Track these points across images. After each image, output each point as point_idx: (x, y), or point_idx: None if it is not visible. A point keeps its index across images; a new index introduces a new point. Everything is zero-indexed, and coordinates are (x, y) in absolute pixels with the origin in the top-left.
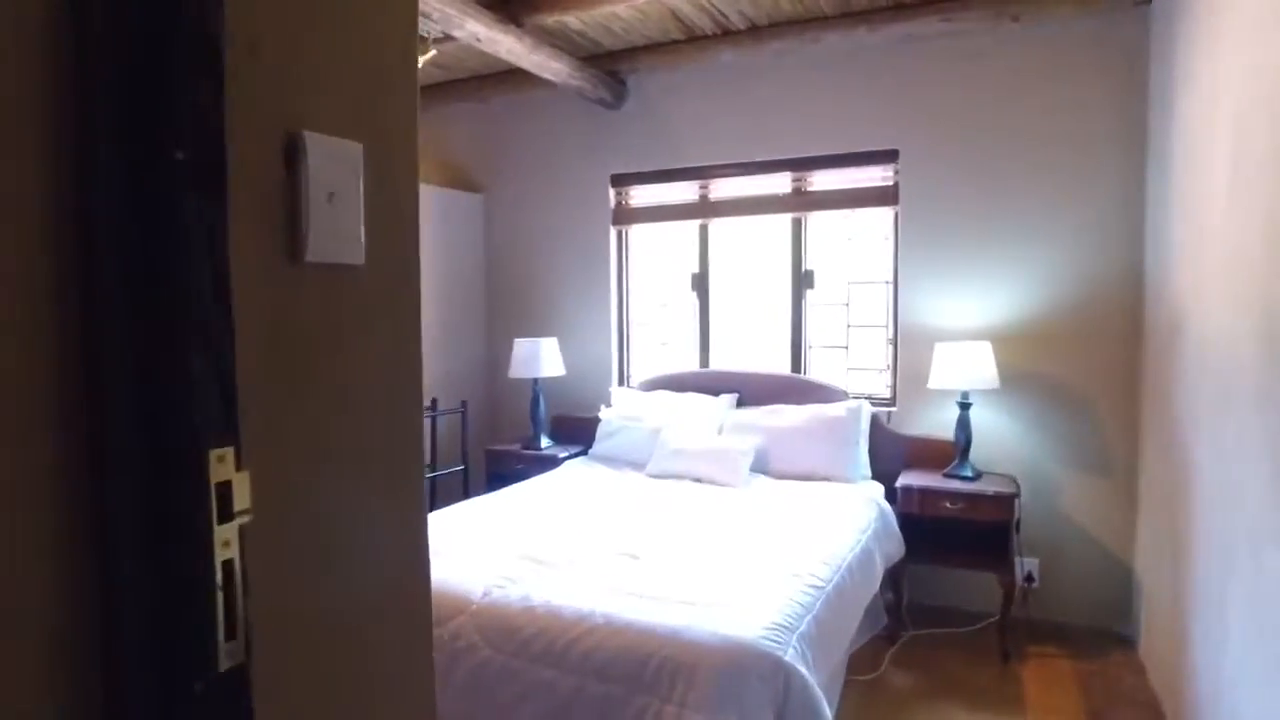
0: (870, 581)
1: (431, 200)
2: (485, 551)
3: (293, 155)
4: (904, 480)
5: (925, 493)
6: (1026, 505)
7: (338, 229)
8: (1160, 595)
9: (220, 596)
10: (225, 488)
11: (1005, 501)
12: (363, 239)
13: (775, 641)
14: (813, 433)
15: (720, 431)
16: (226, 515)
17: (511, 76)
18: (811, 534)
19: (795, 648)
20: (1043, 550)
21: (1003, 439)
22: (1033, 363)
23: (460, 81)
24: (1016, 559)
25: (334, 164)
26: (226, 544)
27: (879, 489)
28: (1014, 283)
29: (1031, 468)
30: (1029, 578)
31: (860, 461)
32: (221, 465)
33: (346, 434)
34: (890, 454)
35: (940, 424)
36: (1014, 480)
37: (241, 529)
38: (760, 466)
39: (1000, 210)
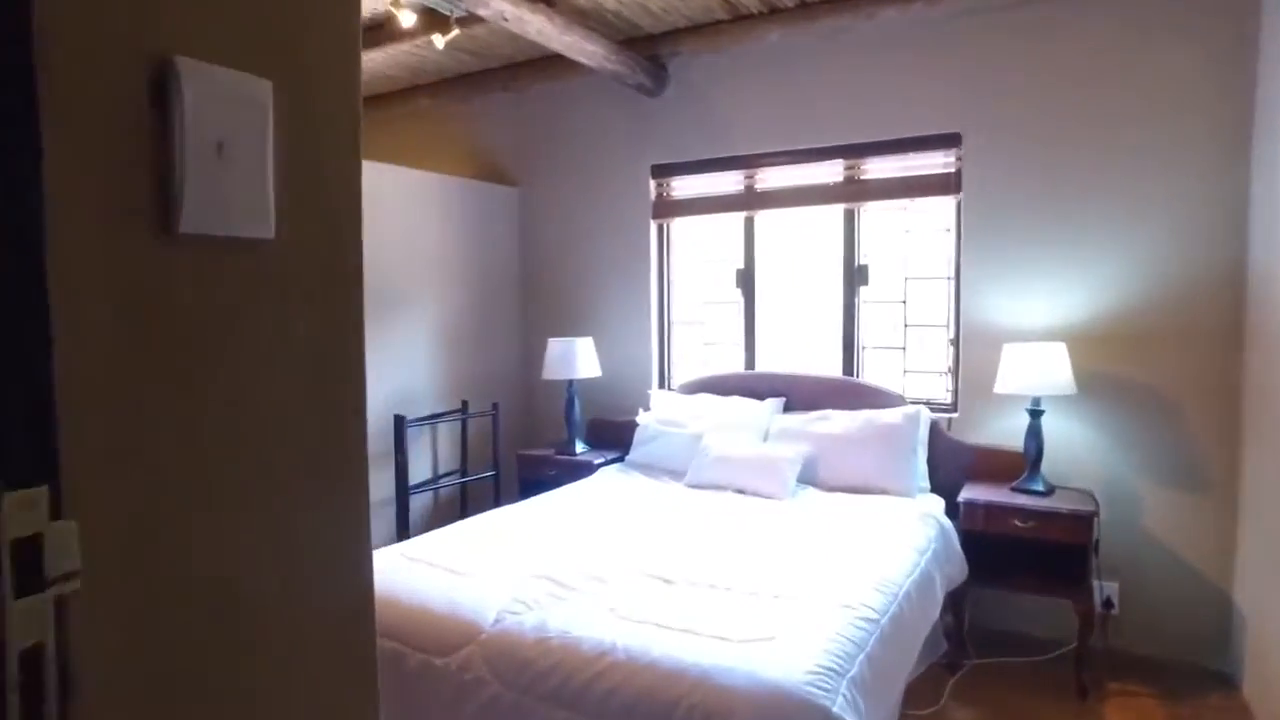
0: (929, 610)
1: (464, 194)
2: (503, 570)
3: (162, 88)
4: (967, 494)
5: (991, 509)
6: (1105, 523)
7: (232, 191)
8: (1272, 628)
9: (17, 702)
10: (31, 545)
11: (1083, 520)
12: (272, 206)
13: (822, 689)
14: (866, 441)
15: (765, 438)
16: (35, 584)
17: (546, 64)
18: (864, 555)
19: (845, 695)
20: (1124, 573)
21: (1078, 450)
22: (1113, 365)
23: (493, 70)
24: (1095, 583)
25: (226, 105)
26: (34, 624)
27: (939, 503)
28: (1091, 279)
29: (1111, 481)
30: (1107, 603)
31: (918, 473)
32: (26, 513)
33: (247, 459)
34: (952, 465)
35: (1008, 432)
36: (1091, 496)
37: (62, 601)
38: (808, 477)
39: (1075, 199)
